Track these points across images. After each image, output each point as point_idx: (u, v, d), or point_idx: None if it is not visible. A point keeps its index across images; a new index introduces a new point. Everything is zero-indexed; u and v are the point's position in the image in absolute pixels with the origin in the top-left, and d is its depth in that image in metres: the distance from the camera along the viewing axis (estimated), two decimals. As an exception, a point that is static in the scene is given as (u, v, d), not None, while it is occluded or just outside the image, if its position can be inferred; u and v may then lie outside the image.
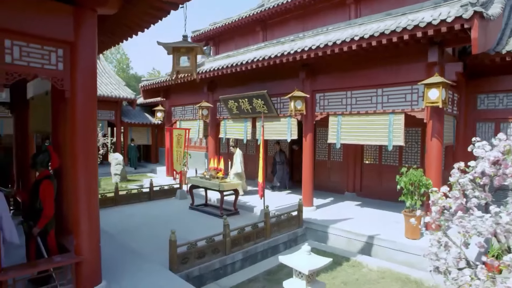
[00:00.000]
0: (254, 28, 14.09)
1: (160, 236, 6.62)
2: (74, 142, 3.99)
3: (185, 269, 5.25)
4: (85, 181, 4.00)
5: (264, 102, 9.37)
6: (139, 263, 5.14)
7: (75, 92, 3.93)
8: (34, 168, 4.29)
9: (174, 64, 4.20)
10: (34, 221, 4.17)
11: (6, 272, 3.54)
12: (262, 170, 8.48)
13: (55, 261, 3.96)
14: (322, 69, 8.38)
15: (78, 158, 3.99)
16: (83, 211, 3.99)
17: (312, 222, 7.77)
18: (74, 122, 3.97)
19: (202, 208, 9.16)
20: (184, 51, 4.07)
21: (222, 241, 5.85)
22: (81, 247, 4.00)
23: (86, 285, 4.00)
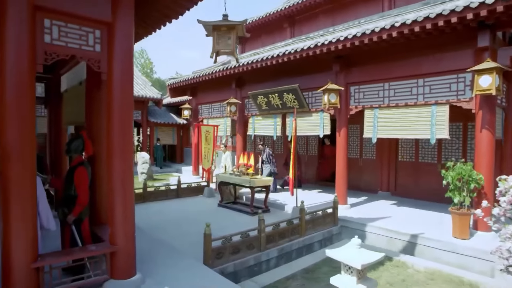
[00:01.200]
0: (281, 24, 13.86)
1: (191, 232, 6.45)
2: (110, 127, 3.84)
3: (220, 265, 5.02)
4: (121, 168, 3.84)
5: (295, 96, 9.08)
6: (172, 258, 4.95)
7: (112, 74, 3.79)
8: (69, 154, 4.19)
9: (214, 44, 4.00)
10: (69, 208, 4.05)
11: (43, 258, 3.41)
12: (292, 167, 8.20)
13: (89, 249, 3.82)
14: (357, 61, 8.02)
15: (114, 144, 3.83)
16: (118, 200, 3.83)
17: (348, 220, 7.39)
18: (111, 106, 3.83)
19: (231, 205, 8.95)
20: (224, 29, 3.86)
21: (257, 236, 5.60)
22: (115, 237, 3.84)
23: (121, 276, 3.83)
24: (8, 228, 3.16)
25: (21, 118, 3.20)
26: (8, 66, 3.13)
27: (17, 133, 3.18)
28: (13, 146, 3.16)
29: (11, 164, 3.16)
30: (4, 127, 3.16)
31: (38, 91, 8.07)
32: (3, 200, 3.18)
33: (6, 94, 3.14)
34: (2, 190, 3.17)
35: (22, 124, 3.20)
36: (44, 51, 3.37)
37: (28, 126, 3.24)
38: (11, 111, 3.16)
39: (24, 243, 3.22)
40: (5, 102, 3.15)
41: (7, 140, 3.15)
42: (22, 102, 3.20)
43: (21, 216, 3.19)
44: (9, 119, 3.16)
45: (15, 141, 3.18)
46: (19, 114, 3.19)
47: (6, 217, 3.16)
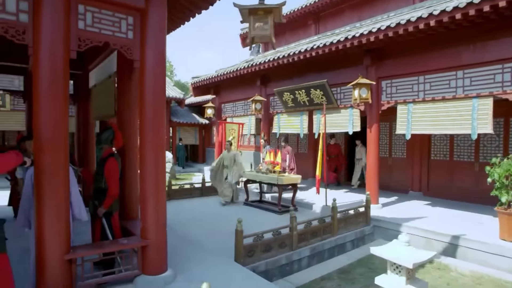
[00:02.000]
0: (306, 21, 13.61)
1: (219, 230, 6.31)
2: (143, 116, 3.72)
3: (251, 263, 4.82)
4: (153, 159, 3.71)
5: (323, 92, 8.81)
6: (202, 254, 4.79)
7: (144, 62, 3.67)
8: (99, 146, 4.10)
9: (250, 30, 3.82)
10: (99, 201, 3.96)
11: (76, 250, 3.31)
12: (319, 165, 7.94)
13: (121, 243, 3.70)
14: (390, 54, 7.67)
15: (147, 134, 3.70)
16: (150, 192, 3.70)
17: (380, 220, 7.05)
18: (143, 94, 3.71)
19: (257, 204, 8.75)
20: (261, 13, 3.68)
21: (289, 234, 5.37)
22: (147, 231, 3.71)
23: (152, 271, 3.69)
24: (41, 218, 3.08)
25: (55, 105, 3.12)
26: (42, 51, 3.05)
27: (51, 121, 3.09)
28: (46, 133, 3.08)
29: (45, 152, 3.07)
30: (38, 113, 3.08)
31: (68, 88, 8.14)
32: (37, 190, 3.09)
33: (41, 80, 3.06)
34: (36, 179, 3.09)
35: (55, 111, 3.11)
36: (78, 37, 3.29)
37: (61, 113, 3.15)
38: (45, 97, 3.08)
39: (57, 234, 3.13)
40: (39, 87, 3.07)
41: (41, 126, 3.07)
42: (56, 89, 3.11)
43: (55, 205, 3.10)
44: (43, 105, 3.08)
45: (49, 128, 3.09)
46: (53, 101, 3.11)
47: (40, 206, 3.08)
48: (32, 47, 3.06)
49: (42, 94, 3.07)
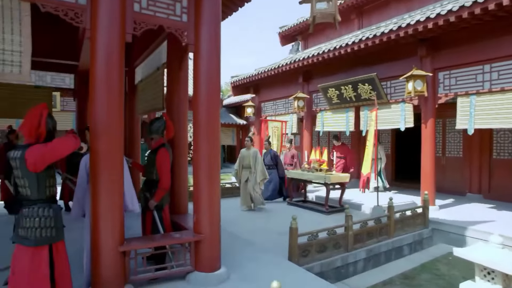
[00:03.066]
0: (348, 16, 13.08)
1: (266, 228, 6.05)
2: (196, 104, 3.54)
3: (306, 263, 4.49)
4: (208, 150, 3.51)
5: (372, 87, 8.32)
6: (253, 252, 4.54)
7: (199, 46, 3.49)
8: (150, 136, 3.97)
9: (312, 8, 3.54)
10: (151, 193, 3.81)
11: (129, 242, 3.17)
12: (369, 162, 7.47)
13: (174, 237, 3.52)
14: (448, 42, 7.07)
15: (201, 124, 3.52)
16: (204, 184, 3.50)
17: (440, 223, 6.46)
18: (197, 80, 3.52)
19: (301, 204, 8.40)
20: (324, -12, 3.41)
21: (344, 234, 4.99)
22: (201, 225, 3.50)
23: (205, 268, 3.48)
24: (96, 206, 2.96)
25: (110, 89, 2.99)
26: (99, 34, 2.95)
27: (106, 104, 2.97)
28: (102, 118, 2.96)
29: (101, 137, 2.95)
30: (94, 97, 2.97)
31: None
32: (92, 177, 2.98)
33: (98, 63, 2.95)
34: (92, 166, 2.98)
35: (111, 94, 2.98)
36: (134, 20, 3.17)
37: (117, 96, 3.02)
38: (101, 81, 2.96)
39: (112, 224, 3.00)
40: (96, 71, 2.96)
41: (97, 110, 2.96)
42: (112, 72, 2.99)
43: (110, 193, 2.97)
44: (98, 89, 2.96)
45: (104, 112, 2.97)
46: (108, 85, 2.98)
47: (95, 194, 2.96)
48: (90, 30, 2.96)
49: (99, 78, 2.96)
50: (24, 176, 2.49)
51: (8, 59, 2.75)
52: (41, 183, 2.54)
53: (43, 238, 2.49)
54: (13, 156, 2.51)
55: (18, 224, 2.52)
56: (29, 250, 2.47)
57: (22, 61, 2.81)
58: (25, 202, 2.55)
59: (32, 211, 2.50)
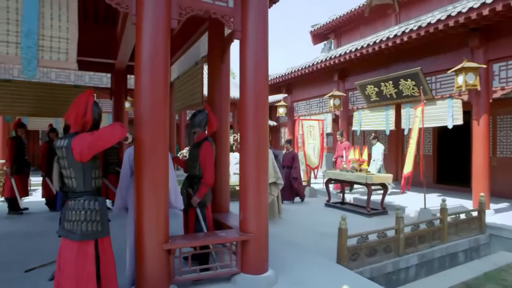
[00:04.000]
0: (385, 11, 12.54)
1: (307, 230, 5.78)
2: (243, 94, 3.33)
3: (355, 267, 4.16)
4: (256, 143, 3.28)
5: (415, 82, 7.83)
6: (299, 255, 4.26)
7: (246, 32, 3.27)
8: (192, 130, 3.79)
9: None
10: (193, 190, 3.62)
11: (174, 240, 2.98)
12: (411, 161, 7.00)
13: (220, 236, 3.31)
14: (505, 30, 6.49)
15: (248, 114, 3.30)
16: (251, 180, 3.27)
17: (499, 228, 5.90)
18: (244, 70, 3.31)
19: (339, 205, 8.02)
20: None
21: (395, 237, 4.61)
22: (248, 223, 3.27)
23: (252, 270, 3.24)
24: (141, 200, 2.79)
25: (155, 76, 2.83)
26: (145, 19, 2.80)
27: (151, 92, 2.81)
28: (146, 107, 2.80)
29: (145, 128, 2.78)
30: (139, 86, 2.81)
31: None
32: (136, 169, 2.81)
33: (143, 49, 2.80)
34: (136, 158, 2.82)
35: (156, 83, 2.82)
36: (179, 5, 3.00)
37: (161, 85, 2.85)
38: (145, 69, 2.80)
39: (156, 220, 2.82)
40: (141, 58, 2.81)
41: (141, 99, 2.80)
42: (157, 58, 2.82)
43: (154, 187, 2.80)
44: (144, 76, 2.81)
45: (149, 101, 2.81)
46: (153, 71, 2.82)
47: (139, 187, 2.79)
48: (135, 15, 2.82)
49: (143, 65, 2.80)
50: (70, 166, 2.36)
51: (55, 46, 2.65)
52: (87, 174, 2.40)
53: (89, 232, 2.35)
54: (60, 145, 2.38)
55: (64, 217, 2.39)
56: (74, 244, 2.33)
57: (68, 48, 2.71)
58: (70, 194, 2.42)
59: (77, 203, 2.37)
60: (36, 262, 3.87)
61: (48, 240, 4.84)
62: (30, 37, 2.48)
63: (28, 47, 2.48)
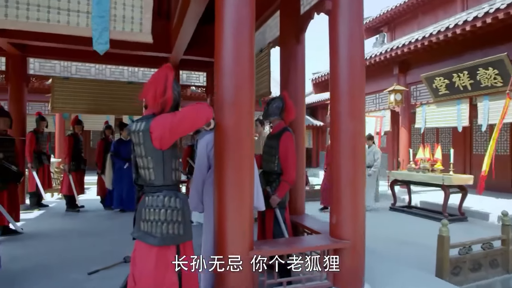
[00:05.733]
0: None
1: (380, 236, 5.12)
2: (335, 78, 2.81)
3: (458, 284, 3.45)
4: (351, 133, 2.74)
5: (498, 71, 6.88)
6: (387, 265, 3.63)
7: (338, 2, 2.75)
8: (266, 119, 3.33)
9: None
10: (272, 188, 3.15)
11: (259, 247, 2.51)
12: (489, 160, 6.09)
13: (310, 242, 2.80)
14: None
15: (341, 101, 2.77)
16: (346, 177, 2.72)
17: None
18: (335, 47, 2.78)
19: (407, 209, 7.24)
20: None
21: (503, 249, 3.85)
22: (342, 228, 2.72)
23: (346, 284, 2.68)
24: (222, 199, 2.34)
25: (239, 50, 2.38)
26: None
27: (235, 70, 2.36)
28: (230, 87, 2.35)
29: (228, 114, 2.34)
30: (219, 65, 2.38)
31: (200, 80, 8.01)
32: (218, 164, 2.38)
33: (225, 29, 2.37)
34: (218, 150, 2.38)
35: (239, 58, 2.37)
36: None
37: (246, 62, 2.39)
38: (229, 35, 2.36)
39: (240, 224, 2.36)
40: (222, 39, 2.37)
41: (223, 78, 2.36)
42: (241, 36, 2.37)
43: (239, 186, 2.35)
44: (226, 53, 2.37)
45: (233, 83, 2.36)
46: (237, 53, 2.37)
47: (220, 182, 2.35)
48: None
49: (226, 45, 2.37)
50: (148, 155, 1.96)
51: (128, 16, 2.30)
52: (167, 164, 1.99)
53: (170, 236, 1.93)
54: (136, 129, 1.99)
55: (140, 215, 1.99)
56: (152, 250, 1.92)
57: (142, 18, 2.34)
58: (147, 189, 2.02)
59: (156, 199, 1.96)
60: (96, 263, 3.61)
61: (105, 239, 4.64)
62: (102, 4, 2.14)
63: (100, 16, 2.15)
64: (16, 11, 2.09)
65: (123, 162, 6.38)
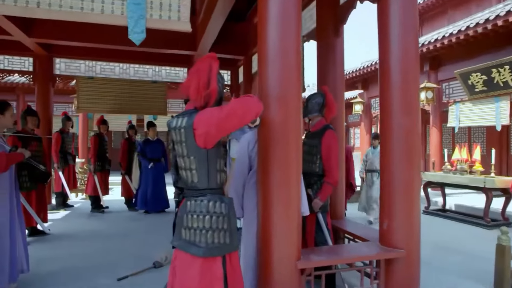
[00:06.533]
0: (481, -9, 10.97)
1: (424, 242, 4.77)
2: (385, 67, 2.55)
3: (518, 299, 3.13)
4: (404, 130, 2.48)
5: (544, 65, 6.40)
6: (437, 276, 3.36)
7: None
8: (306, 116, 3.09)
9: None
10: (313, 190, 2.91)
11: (307, 257, 2.27)
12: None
13: (360, 251, 2.54)
14: None
15: (392, 97, 2.51)
16: (400, 178, 2.46)
17: None
18: (386, 38, 2.52)
19: (441, 213, 6.84)
20: None
21: None
22: (394, 236, 2.46)
23: (398, 300, 2.41)
24: (268, 206, 2.13)
25: (285, 47, 2.16)
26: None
27: (283, 59, 2.14)
28: (275, 81, 2.14)
29: (274, 106, 2.12)
30: (264, 49, 2.17)
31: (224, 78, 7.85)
32: (263, 165, 2.16)
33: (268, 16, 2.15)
34: (263, 148, 2.17)
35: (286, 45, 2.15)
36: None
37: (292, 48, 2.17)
38: (274, 23, 2.15)
39: (288, 231, 2.14)
40: (266, 26, 2.16)
41: (268, 72, 2.15)
42: (286, 27, 2.15)
43: (286, 189, 2.13)
44: (271, 39, 2.15)
45: (277, 75, 2.15)
46: (283, 41, 2.15)
47: (265, 189, 2.14)
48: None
49: (270, 33, 2.15)
50: (191, 154, 1.75)
51: (165, 2, 2.12)
52: (212, 165, 1.78)
53: (216, 246, 1.72)
54: (176, 125, 1.79)
55: (181, 222, 1.78)
56: (197, 261, 1.71)
57: (180, 6, 2.16)
58: (189, 192, 1.82)
59: (200, 204, 1.75)
60: (124, 267, 3.48)
61: (132, 242, 4.52)
62: (138, -10, 1.97)
63: (136, 3, 1.97)
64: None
65: (148, 162, 6.28)
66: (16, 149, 2.67)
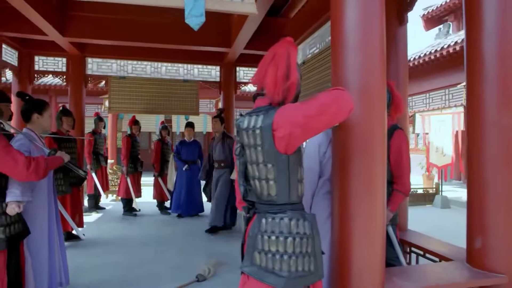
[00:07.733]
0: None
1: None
2: (475, 52, 2.16)
3: None
4: (504, 126, 2.08)
5: None
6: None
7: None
8: None
9: None
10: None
11: (392, 278, 1.91)
12: None
13: (447, 275, 2.14)
14: None
15: (488, 89, 2.12)
16: (497, 185, 2.06)
17: None
18: (476, 18, 2.14)
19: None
20: None
21: None
22: (491, 257, 2.06)
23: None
24: (346, 221, 1.79)
25: (368, 31, 1.82)
26: None
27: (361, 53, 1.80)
28: (356, 73, 1.80)
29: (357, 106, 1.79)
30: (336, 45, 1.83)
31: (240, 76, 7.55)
32: (341, 171, 1.83)
33: None
34: (341, 155, 1.83)
35: (369, 43, 1.81)
36: None
37: (377, 44, 1.82)
38: (352, 20, 1.81)
39: (371, 249, 1.79)
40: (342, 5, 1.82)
41: (345, 64, 1.81)
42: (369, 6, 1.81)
43: (369, 201, 1.79)
44: (350, 31, 1.81)
45: (358, 67, 1.81)
46: (365, 22, 1.82)
47: (343, 198, 1.80)
48: None
49: (349, 13, 1.82)
50: (268, 161, 1.43)
51: (226, -19, 1.82)
52: (293, 174, 1.45)
53: (299, 275, 1.39)
54: (249, 125, 1.47)
55: (254, 244, 1.46)
56: (274, 292, 1.39)
57: (243, -15, 1.86)
58: (263, 207, 1.49)
59: (279, 223, 1.42)
60: (165, 279, 3.27)
61: (170, 250, 4.29)
62: (197, -33, 1.68)
63: (194, -18, 1.69)
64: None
65: (183, 164, 6.07)
66: (55, 152, 2.45)
